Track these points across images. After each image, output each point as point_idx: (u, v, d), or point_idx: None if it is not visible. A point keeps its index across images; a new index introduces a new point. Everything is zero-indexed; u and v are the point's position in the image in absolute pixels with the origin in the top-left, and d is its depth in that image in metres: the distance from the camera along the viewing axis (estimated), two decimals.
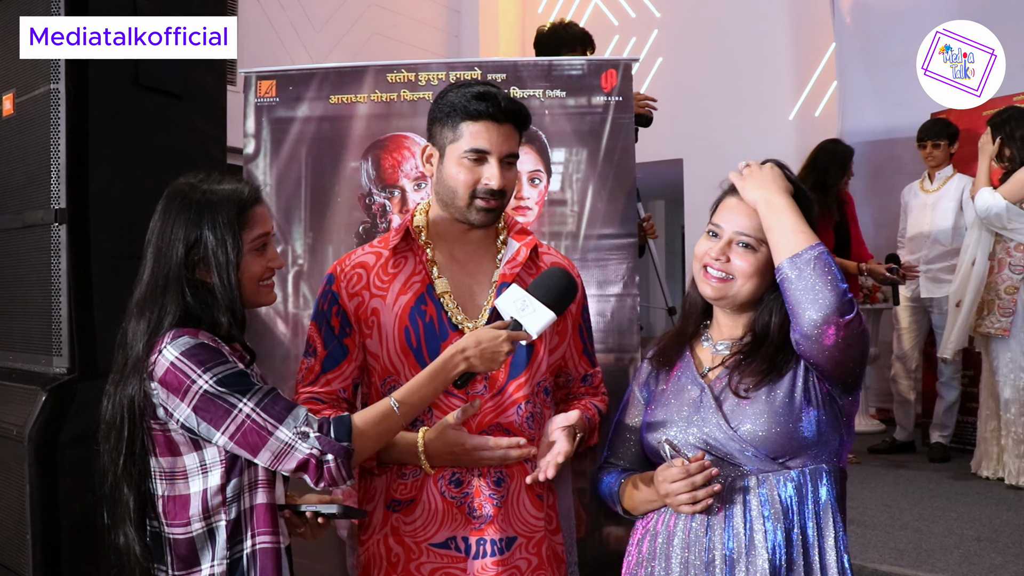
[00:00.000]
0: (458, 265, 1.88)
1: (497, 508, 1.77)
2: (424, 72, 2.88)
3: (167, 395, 1.56)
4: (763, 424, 1.57)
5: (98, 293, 2.56)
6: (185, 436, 1.59)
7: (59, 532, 2.43)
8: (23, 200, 2.65)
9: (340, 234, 2.86)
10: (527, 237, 1.92)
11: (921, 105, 5.38)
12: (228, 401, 1.54)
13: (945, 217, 5.07)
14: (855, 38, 6.17)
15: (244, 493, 1.62)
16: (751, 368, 1.63)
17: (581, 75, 2.85)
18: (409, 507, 1.79)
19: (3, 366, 2.77)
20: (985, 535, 3.50)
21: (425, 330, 1.79)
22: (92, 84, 2.58)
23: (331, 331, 1.85)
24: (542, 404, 1.86)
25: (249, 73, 2.96)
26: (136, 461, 1.61)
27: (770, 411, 1.58)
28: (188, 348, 1.56)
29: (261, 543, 1.62)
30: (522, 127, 1.83)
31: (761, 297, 1.66)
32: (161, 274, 1.64)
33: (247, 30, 5.92)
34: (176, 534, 1.61)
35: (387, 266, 1.86)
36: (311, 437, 1.54)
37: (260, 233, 1.69)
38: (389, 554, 1.81)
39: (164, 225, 1.66)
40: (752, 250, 1.62)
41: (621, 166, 2.82)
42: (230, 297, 1.64)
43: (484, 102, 1.75)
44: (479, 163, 1.76)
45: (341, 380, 1.86)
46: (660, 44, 7.35)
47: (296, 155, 2.88)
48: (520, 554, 1.80)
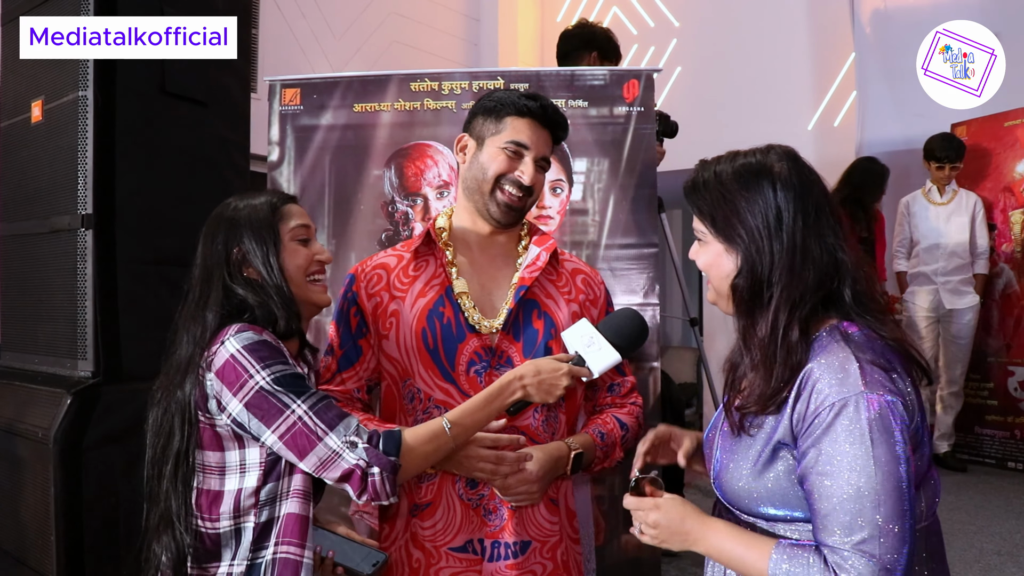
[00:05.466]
0: (479, 268, 1.88)
1: (512, 511, 1.76)
2: (447, 81, 2.90)
3: (221, 387, 1.55)
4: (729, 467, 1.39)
5: (123, 297, 2.59)
6: (231, 432, 1.58)
7: (83, 534, 2.44)
8: (50, 205, 2.68)
9: (363, 241, 2.87)
10: (547, 242, 1.92)
11: (941, 116, 5.37)
12: (282, 400, 1.53)
13: (961, 231, 5.18)
14: (875, 48, 6.14)
15: (278, 500, 1.61)
16: (740, 393, 1.41)
17: (603, 85, 2.86)
18: (428, 511, 1.78)
19: (29, 369, 2.80)
20: (1006, 549, 3.48)
21: (442, 331, 1.79)
22: (119, 91, 2.61)
23: (348, 331, 1.87)
24: (557, 409, 1.84)
25: (274, 81, 2.98)
26: (186, 465, 1.60)
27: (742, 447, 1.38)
28: (251, 343, 1.56)
29: (285, 552, 1.60)
30: (558, 138, 1.89)
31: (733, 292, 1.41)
32: (205, 283, 1.65)
33: (268, 38, 5.97)
34: (204, 528, 1.60)
35: (408, 268, 1.87)
36: (359, 447, 1.53)
37: (297, 224, 1.71)
38: (410, 560, 1.79)
39: (206, 243, 1.69)
40: (703, 243, 1.43)
41: (642, 176, 2.83)
42: (278, 287, 1.65)
43: (534, 102, 1.82)
44: (516, 157, 1.81)
45: (355, 380, 1.88)
46: (679, 53, 7.34)
47: (320, 163, 2.91)
48: (535, 558, 1.79)
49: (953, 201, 5.23)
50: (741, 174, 1.37)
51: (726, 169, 1.39)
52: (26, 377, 2.76)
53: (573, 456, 1.79)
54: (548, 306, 1.86)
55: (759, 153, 1.40)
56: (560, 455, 1.77)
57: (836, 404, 1.22)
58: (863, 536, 1.19)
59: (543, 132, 1.83)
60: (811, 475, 1.24)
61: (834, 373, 1.25)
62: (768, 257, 1.33)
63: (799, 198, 1.33)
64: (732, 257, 1.38)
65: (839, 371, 1.25)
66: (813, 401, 1.25)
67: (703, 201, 1.41)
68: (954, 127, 5.50)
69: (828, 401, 1.23)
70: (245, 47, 3.15)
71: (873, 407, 1.21)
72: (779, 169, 1.35)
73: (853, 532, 1.19)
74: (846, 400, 1.22)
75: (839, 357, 1.27)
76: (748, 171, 1.37)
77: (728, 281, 1.39)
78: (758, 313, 1.34)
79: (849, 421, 1.21)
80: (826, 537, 1.22)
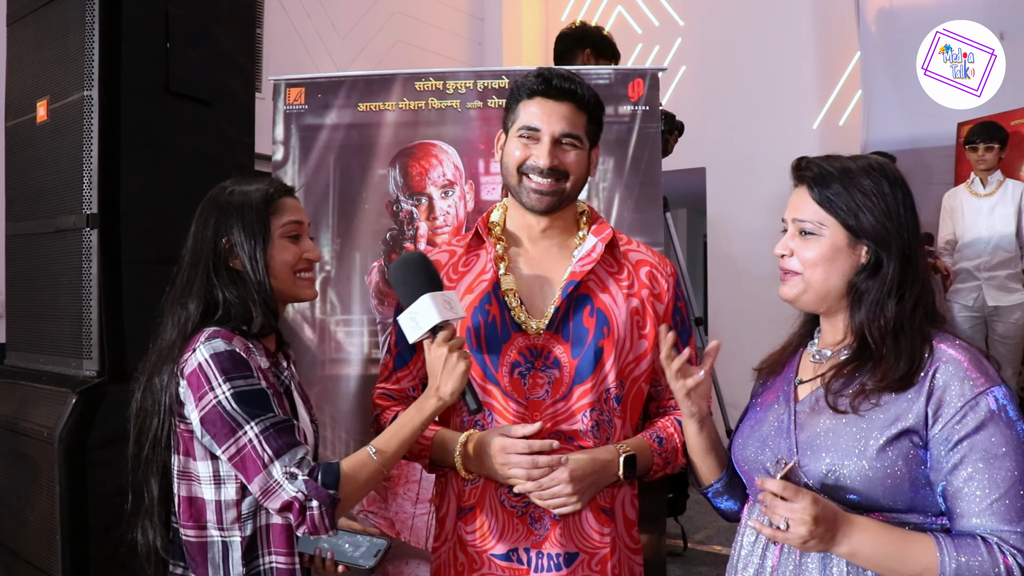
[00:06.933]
0: (532, 262, 1.79)
1: (555, 520, 1.67)
2: (452, 80, 2.89)
3: (187, 394, 1.56)
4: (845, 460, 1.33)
5: (128, 297, 2.59)
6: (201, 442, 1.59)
7: (88, 533, 2.45)
8: (55, 205, 2.68)
9: (367, 241, 2.87)
10: (604, 231, 1.79)
11: (947, 115, 5.35)
12: (236, 420, 1.51)
13: (1007, 223, 4.88)
14: (880, 47, 6.13)
15: (260, 511, 1.60)
16: (849, 377, 1.39)
17: (608, 84, 2.85)
18: (471, 515, 1.72)
19: (34, 368, 2.80)
20: None
21: (487, 331, 1.70)
22: (124, 91, 2.61)
23: (401, 331, 1.85)
24: (611, 413, 1.72)
25: (278, 80, 2.98)
26: (160, 454, 1.61)
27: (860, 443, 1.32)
28: (217, 353, 1.55)
29: (276, 563, 1.61)
30: (585, 106, 1.73)
31: (851, 289, 1.42)
32: (192, 268, 1.65)
33: (273, 38, 5.97)
34: (188, 536, 1.60)
35: (458, 264, 1.81)
36: (299, 480, 1.49)
37: (289, 220, 1.70)
38: (455, 562, 1.74)
39: (198, 226, 1.69)
40: (813, 236, 1.42)
41: (648, 175, 2.82)
42: (260, 283, 1.63)
43: (538, 79, 1.71)
44: (532, 141, 1.71)
45: (410, 379, 1.85)
46: (683, 52, 7.33)
47: (324, 162, 2.91)
48: (583, 571, 1.68)
49: (997, 192, 4.94)
50: (869, 170, 1.42)
51: (850, 165, 1.43)
52: (31, 376, 2.76)
53: (623, 459, 1.68)
54: (603, 302, 1.74)
55: (876, 157, 1.48)
56: (608, 459, 1.67)
57: (986, 394, 1.28)
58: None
59: (559, 106, 1.70)
60: (966, 464, 1.26)
61: (973, 364, 1.31)
62: (899, 249, 1.38)
63: (908, 195, 1.42)
64: (854, 251, 1.41)
65: (975, 363, 1.31)
66: (955, 391, 1.28)
67: (832, 188, 1.42)
68: (960, 126, 5.48)
69: (975, 391, 1.28)
70: (250, 47, 3.16)
71: (1013, 397, 1.29)
72: (897, 172, 1.44)
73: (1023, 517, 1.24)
74: (993, 390, 1.28)
75: (969, 350, 1.33)
76: (875, 165, 1.43)
77: (844, 276, 1.41)
78: (885, 303, 1.37)
79: (1002, 409, 1.27)
80: (991, 524, 1.24)
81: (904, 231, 1.39)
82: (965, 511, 1.26)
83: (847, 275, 1.41)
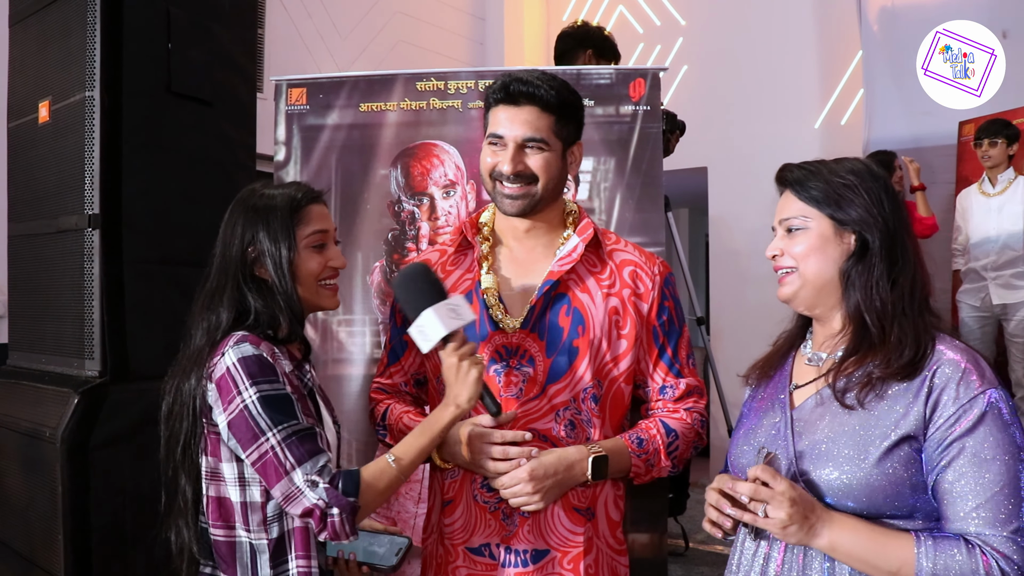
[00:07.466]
0: (517, 262, 1.81)
1: (524, 517, 1.69)
2: (453, 81, 2.90)
3: (217, 399, 1.58)
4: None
5: (130, 297, 2.60)
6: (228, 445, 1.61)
7: (90, 533, 2.45)
8: (57, 205, 2.68)
9: (369, 241, 2.88)
10: (587, 231, 1.80)
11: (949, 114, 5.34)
12: (260, 426, 1.53)
13: (1015, 221, 4.80)
14: (882, 46, 6.12)
15: (286, 514, 1.62)
16: (854, 369, 1.38)
17: (609, 84, 2.85)
18: (450, 508, 1.76)
19: (36, 368, 2.81)
20: None
21: (467, 329, 1.68)
22: (126, 92, 2.62)
23: (395, 327, 1.89)
24: (588, 413, 1.72)
25: (280, 81, 2.99)
26: (191, 455, 1.63)
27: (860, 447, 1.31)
28: (244, 357, 1.56)
29: (300, 567, 1.62)
30: (548, 107, 1.71)
31: (844, 276, 1.42)
32: (222, 274, 1.67)
33: (274, 38, 5.97)
34: (217, 536, 1.62)
35: (446, 264, 1.85)
36: (320, 487, 1.51)
37: (315, 230, 1.70)
38: (436, 554, 1.78)
39: (226, 230, 1.70)
40: (800, 230, 1.44)
41: (649, 175, 2.82)
42: (287, 293, 1.65)
43: (498, 86, 1.73)
44: (499, 147, 1.72)
45: (402, 374, 1.90)
46: (685, 52, 7.32)
47: (326, 162, 2.91)
48: (553, 569, 1.70)
49: (1008, 191, 4.86)
50: (849, 168, 1.45)
51: (831, 165, 1.46)
52: (33, 377, 2.77)
53: (592, 460, 1.66)
54: (580, 301, 1.75)
55: (856, 158, 1.49)
56: (575, 459, 1.66)
57: (982, 396, 1.27)
58: (1018, 525, 1.23)
59: (520, 111, 1.70)
60: (956, 465, 1.26)
61: (971, 365, 1.30)
62: (883, 233, 1.39)
63: (890, 188, 1.43)
64: (842, 239, 1.42)
65: (973, 364, 1.30)
66: (951, 393, 1.28)
67: (812, 185, 1.45)
68: (962, 125, 5.48)
69: (970, 394, 1.27)
70: (251, 47, 3.16)
71: (1009, 400, 1.29)
72: (878, 169, 1.45)
73: (1010, 521, 1.23)
74: (989, 393, 1.27)
75: (967, 351, 1.33)
76: (856, 164, 1.46)
77: (835, 264, 1.42)
78: (877, 284, 1.38)
79: (997, 413, 1.26)
80: (976, 527, 1.24)
81: (887, 218, 1.40)
82: (953, 512, 1.26)
83: (838, 263, 1.43)
